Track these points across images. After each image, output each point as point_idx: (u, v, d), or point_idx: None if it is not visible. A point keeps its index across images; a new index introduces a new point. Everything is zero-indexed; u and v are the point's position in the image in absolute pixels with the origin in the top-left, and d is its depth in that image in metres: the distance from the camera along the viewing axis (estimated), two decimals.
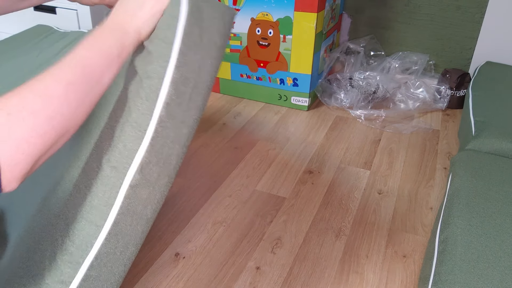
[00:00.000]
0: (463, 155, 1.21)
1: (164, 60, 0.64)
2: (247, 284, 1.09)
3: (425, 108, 1.98)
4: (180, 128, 0.67)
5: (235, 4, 1.89)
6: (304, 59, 1.88)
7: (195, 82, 0.67)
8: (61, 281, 0.63)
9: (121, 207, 0.65)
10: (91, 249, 0.64)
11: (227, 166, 1.56)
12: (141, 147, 0.64)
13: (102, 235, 0.64)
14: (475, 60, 2.07)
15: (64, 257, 0.64)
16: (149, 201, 0.68)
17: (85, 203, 0.65)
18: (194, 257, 1.16)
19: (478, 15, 2.00)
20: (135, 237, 0.68)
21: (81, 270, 0.64)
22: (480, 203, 0.99)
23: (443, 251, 0.89)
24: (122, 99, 0.67)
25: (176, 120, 0.66)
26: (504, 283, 0.78)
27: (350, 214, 1.34)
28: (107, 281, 0.67)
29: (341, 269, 1.14)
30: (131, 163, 0.64)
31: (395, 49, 2.21)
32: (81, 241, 0.64)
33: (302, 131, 1.80)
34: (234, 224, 1.28)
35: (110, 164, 0.65)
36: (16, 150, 0.43)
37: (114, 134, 0.65)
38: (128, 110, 0.65)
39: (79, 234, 0.64)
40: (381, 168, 1.57)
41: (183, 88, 0.65)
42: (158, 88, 0.64)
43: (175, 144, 0.67)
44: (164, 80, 0.64)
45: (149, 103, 0.64)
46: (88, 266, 0.64)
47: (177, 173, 0.70)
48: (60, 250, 0.64)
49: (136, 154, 0.64)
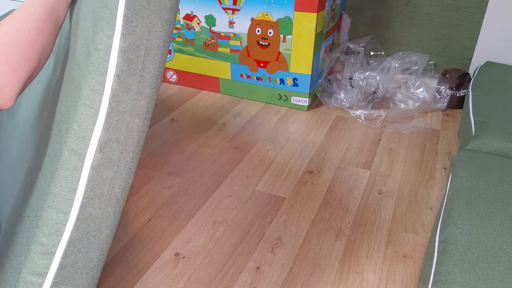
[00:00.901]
0: (463, 155, 1.21)
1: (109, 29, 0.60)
2: (247, 284, 1.09)
3: (425, 108, 1.98)
4: (137, 100, 0.63)
5: (235, 4, 1.89)
6: (304, 59, 1.88)
7: (146, 49, 0.62)
8: (37, 273, 0.62)
9: (85, 190, 0.62)
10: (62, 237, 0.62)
11: (227, 166, 1.56)
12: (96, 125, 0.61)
13: (71, 221, 0.62)
14: (475, 60, 2.07)
15: (37, 248, 0.62)
16: (116, 181, 0.65)
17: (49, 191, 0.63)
18: (194, 257, 1.16)
19: (478, 15, 2.00)
20: (107, 219, 0.65)
21: (55, 260, 0.62)
22: (480, 203, 0.99)
23: (443, 251, 0.89)
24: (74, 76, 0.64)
25: (131, 92, 0.62)
26: (504, 283, 0.78)
27: (350, 214, 1.34)
28: (86, 267, 0.65)
29: (341, 269, 1.14)
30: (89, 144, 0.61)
31: (395, 49, 2.21)
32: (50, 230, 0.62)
33: (302, 131, 1.80)
34: (234, 224, 1.28)
35: (68, 147, 0.62)
36: (14, 73, 0.54)
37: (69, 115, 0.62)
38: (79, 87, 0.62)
39: (47, 223, 0.62)
40: (381, 168, 1.57)
41: (133, 57, 0.61)
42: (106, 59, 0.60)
43: (134, 118, 0.63)
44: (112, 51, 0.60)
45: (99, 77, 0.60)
46: (62, 254, 0.62)
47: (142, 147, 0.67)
48: (32, 242, 0.62)
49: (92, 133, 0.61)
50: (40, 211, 0.63)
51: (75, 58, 0.65)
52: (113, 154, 0.63)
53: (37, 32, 0.59)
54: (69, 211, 0.62)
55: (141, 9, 0.61)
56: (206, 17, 1.97)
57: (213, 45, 2.02)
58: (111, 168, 0.64)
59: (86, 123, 0.61)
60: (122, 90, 0.61)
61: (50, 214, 0.62)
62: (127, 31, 0.60)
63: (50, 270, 0.62)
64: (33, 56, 0.58)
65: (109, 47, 0.60)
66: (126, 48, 0.60)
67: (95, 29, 0.61)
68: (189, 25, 2.03)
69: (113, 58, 0.60)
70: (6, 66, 0.53)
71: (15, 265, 0.64)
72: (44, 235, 0.62)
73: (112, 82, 0.60)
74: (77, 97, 0.62)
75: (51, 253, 0.62)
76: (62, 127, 0.64)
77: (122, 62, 0.60)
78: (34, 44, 0.58)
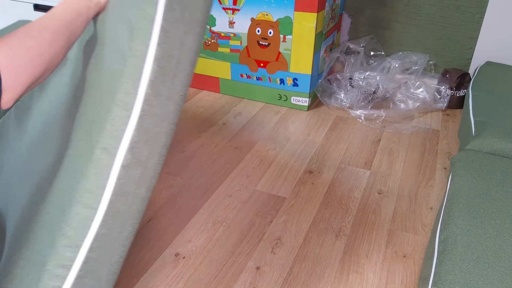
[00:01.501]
0: (463, 155, 1.21)
1: (146, 38, 0.64)
2: (247, 284, 1.09)
3: (425, 108, 1.98)
4: (167, 105, 0.67)
5: (235, 4, 1.89)
6: (304, 59, 1.88)
7: (178, 59, 0.66)
8: (62, 266, 0.64)
9: (114, 188, 0.65)
10: (89, 231, 0.64)
11: (227, 166, 1.56)
12: (129, 127, 0.64)
13: (99, 217, 0.65)
14: (475, 60, 2.07)
15: (63, 242, 0.64)
16: (142, 180, 0.68)
17: (78, 187, 0.65)
18: (194, 257, 1.16)
19: (478, 15, 2.00)
20: (131, 217, 0.68)
21: (80, 253, 0.64)
22: (480, 203, 0.99)
23: (443, 251, 0.89)
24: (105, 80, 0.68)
25: (162, 97, 0.66)
26: (504, 283, 0.78)
27: (350, 214, 1.34)
28: (108, 262, 0.68)
29: (341, 269, 1.14)
30: (120, 143, 0.64)
31: (395, 49, 2.21)
32: (78, 225, 0.64)
33: (302, 131, 1.80)
34: (234, 224, 1.28)
35: (100, 146, 0.65)
36: (17, 76, 0.57)
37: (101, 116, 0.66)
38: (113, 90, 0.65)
39: (76, 218, 0.64)
40: (381, 168, 1.57)
41: (166, 64, 0.65)
42: (141, 66, 0.64)
43: (163, 122, 0.67)
44: (147, 58, 0.64)
45: (134, 81, 0.64)
46: (88, 248, 0.65)
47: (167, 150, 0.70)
48: (58, 236, 0.64)
49: (124, 134, 0.64)
50: (67, 206, 0.66)
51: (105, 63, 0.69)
52: (141, 155, 0.66)
53: (49, 43, 0.62)
54: (97, 207, 0.64)
55: (176, 21, 0.65)
56: None
57: (213, 45, 2.02)
58: (139, 168, 0.67)
59: (119, 123, 0.64)
60: (154, 95, 0.65)
61: (79, 209, 0.65)
62: (163, 40, 0.64)
63: (75, 263, 0.64)
64: (40, 65, 0.61)
65: (145, 54, 0.63)
66: (161, 56, 0.64)
67: (132, 37, 0.64)
68: None
69: (148, 64, 0.64)
70: (12, 70, 0.56)
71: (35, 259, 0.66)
72: (72, 229, 0.64)
73: (146, 87, 0.64)
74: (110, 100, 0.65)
75: (78, 246, 0.64)
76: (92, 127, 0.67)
77: (156, 69, 0.64)
78: (44, 54, 0.61)
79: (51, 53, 0.63)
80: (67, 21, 0.67)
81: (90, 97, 0.72)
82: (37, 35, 0.62)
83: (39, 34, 0.62)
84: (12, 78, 0.56)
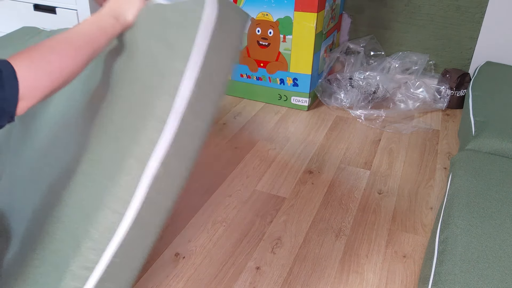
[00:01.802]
0: (463, 155, 1.21)
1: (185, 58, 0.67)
2: (247, 284, 1.09)
3: (425, 108, 1.98)
4: (200, 123, 0.70)
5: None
6: (304, 59, 1.88)
7: (214, 81, 0.70)
8: (86, 267, 0.65)
9: (144, 197, 0.67)
10: (115, 236, 0.66)
11: (227, 166, 1.56)
12: (163, 140, 0.67)
13: (126, 223, 0.66)
14: (475, 60, 2.07)
15: (88, 244, 0.66)
16: (169, 193, 0.70)
17: (106, 193, 0.67)
18: (194, 257, 1.16)
19: (478, 15, 2.00)
20: (155, 226, 0.70)
21: (104, 256, 0.66)
22: (480, 203, 0.99)
23: (443, 251, 0.89)
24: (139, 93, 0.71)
25: (196, 115, 0.69)
26: (504, 283, 0.78)
27: (350, 214, 1.34)
28: (128, 268, 0.69)
29: (341, 269, 1.14)
30: (153, 155, 0.67)
31: (395, 49, 2.21)
32: (104, 229, 0.66)
33: (302, 131, 1.80)
34: (234, 224, 1.28)
35: (133, 155, 0.67)
36: (35, 87, 0.59)
37: (135, 127, 0.68)
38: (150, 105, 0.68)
39: (103, 221, 0.66)
40: (381, 168, 1.57)
41: (204, 86, 0.68)
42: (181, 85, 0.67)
43: (194, 138, 0.70)
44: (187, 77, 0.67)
45: (172, 98, 0.66)
46: (112, 253, 0.66)
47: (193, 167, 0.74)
48: (83, 238, 0.66)
49: (158, 146, 0.67)
50: (93, 210, 0.68)
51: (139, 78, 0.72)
52: (172, 168, 0.69)
53: (71, 59, 0.65)
54: (124, 213, 0.66)
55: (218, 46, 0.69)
56: None
57: None
58: (169, 180, 0.69)
59: (154, 136, 0.67)
60: (189, 112, 0.68)
61: (106, 214, 0.66)
62: (203, 63, 0.67)
63: (98, 266, 0.66)
64: (59, 78, 0.63)
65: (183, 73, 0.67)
66: (199, 77, 0.68)
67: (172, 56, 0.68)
68: None
69: (187, 84, 0.67)
70: (31, 81, 0.58)
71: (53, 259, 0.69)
72: (98, 232, 0.66)
73: (183, 104, 0.67)
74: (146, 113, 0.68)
75: (102, 250, 0.66)
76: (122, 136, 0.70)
77: (194, 89, 0.67)
78: (64, 69, 0.64)
79: (70, 68, 0.65)
80: (90, 38, 0.69)
81: (117, 106, 0.75)
82: (60, 50, 0.64)
83: (62, 49, 0.64)
84: (30, 89, 0.58)
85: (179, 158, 0.69)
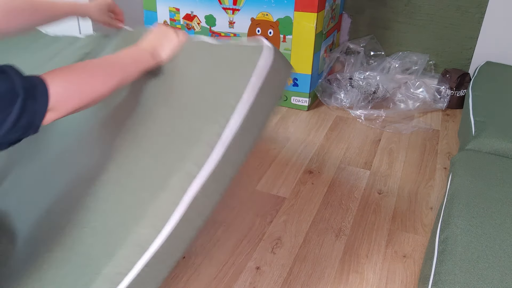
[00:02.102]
0: (463, 155, 1.21)
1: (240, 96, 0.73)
2: (247, 284, 1.09)
3: (425, 108, 1.98)
4: (240, 154, 0.76)
5: (235, 4, 1.89)
6: (304, 59, 1.88)
7: (259, 119, 0.77)
8: (119, 273, 0.68)
9: (181, 214, 0.70)
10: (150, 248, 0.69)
11: None
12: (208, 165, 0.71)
13: (163, 235, 0.69)
14: (475, 60, 2.07)
15: (124, 252, 0.68)
16: (204, 212, 0.74)
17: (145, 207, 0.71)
18: (194, 257, 1.16)
19: (478, 15, 2.00)
20: (184, 242, 0.74)
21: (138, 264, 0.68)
22: (480, 203, 0.99)
23: (443, 251, 0.89)
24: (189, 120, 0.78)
25: (238, 147, 0.75)
26: (504, 283, 0.78)
27: (350, 214, 1.34)
28: (155, 279, 0.72)
29: (341, 269, 1.14)
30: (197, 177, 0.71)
31: (395, 49, 2.21)
32: (141, 241, 0.69)
33: (302, 131, 1.80)
34: (234, 224, 1.28)
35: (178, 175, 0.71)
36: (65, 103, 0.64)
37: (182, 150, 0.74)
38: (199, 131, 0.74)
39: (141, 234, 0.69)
40: (381, 168, 1.57)
41: (250, 122, 0.75)
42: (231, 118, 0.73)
43: (233, 167, 0.76)
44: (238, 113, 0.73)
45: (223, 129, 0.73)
46: (145, 262, 0.69)
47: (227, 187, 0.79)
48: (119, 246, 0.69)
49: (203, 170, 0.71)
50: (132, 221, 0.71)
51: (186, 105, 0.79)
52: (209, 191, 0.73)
53: (101, 82, 0.71)
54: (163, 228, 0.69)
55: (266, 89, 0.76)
56: (206, 17, 1.97)
57: None
58: (205, 200, 0.73)
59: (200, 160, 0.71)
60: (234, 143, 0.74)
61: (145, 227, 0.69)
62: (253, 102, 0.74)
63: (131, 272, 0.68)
64: (88, 98, 0.68)
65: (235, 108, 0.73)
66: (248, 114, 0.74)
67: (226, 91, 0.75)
68: (189, 25, 2.03)
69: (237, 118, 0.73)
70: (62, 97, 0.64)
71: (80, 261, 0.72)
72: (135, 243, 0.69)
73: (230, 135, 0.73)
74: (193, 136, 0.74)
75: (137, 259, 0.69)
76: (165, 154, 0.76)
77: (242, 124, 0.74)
78: (94, 91, 0.69)
79: (100, 91, 0.70)
80: (122, 68, 0.76)
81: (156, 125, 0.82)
82: (93, 73, 0.70)
83: (95, 73, 0.71)
84: (59, 104, 0.63)
85: (217, 183, 0.74)
